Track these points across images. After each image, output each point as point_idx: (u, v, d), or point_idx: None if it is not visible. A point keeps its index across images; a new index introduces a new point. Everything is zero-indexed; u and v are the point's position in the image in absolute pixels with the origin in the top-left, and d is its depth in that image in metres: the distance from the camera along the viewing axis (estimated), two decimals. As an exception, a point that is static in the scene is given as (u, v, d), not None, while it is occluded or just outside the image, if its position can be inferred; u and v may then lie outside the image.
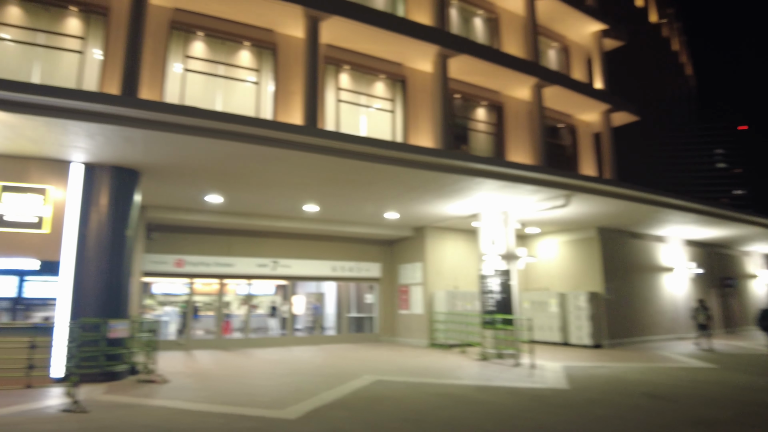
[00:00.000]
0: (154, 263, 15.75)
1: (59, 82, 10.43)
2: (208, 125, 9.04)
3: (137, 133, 8.87)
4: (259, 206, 14.89)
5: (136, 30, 10.13)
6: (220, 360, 13.75)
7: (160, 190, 12.59)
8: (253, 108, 12.34)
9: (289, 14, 12.00)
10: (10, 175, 9.95)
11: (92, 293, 10.12)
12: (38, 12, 10.71)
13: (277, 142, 9.77)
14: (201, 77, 11.98)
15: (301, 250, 18.17)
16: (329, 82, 13.50)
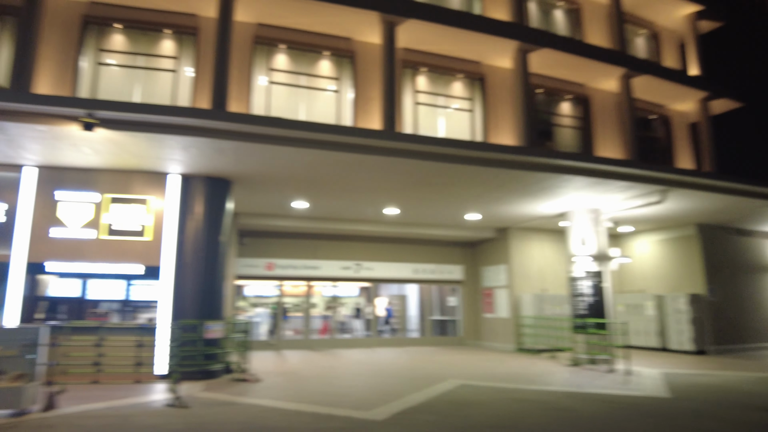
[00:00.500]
0: (246, 267, 16.61)
1: (156, 100, 11.25)
2: (293, 135, 9.38)
3: (228, 145, 9.39)
4: (342, 211, 15.23)
5: (224, 47, 10.70)
6: (308, 360, 14.19)
7: (250, 197, 13.28)
8: (333, 115, 12.62)
9: (366, 21, 12.16)
10: (117, 188, 10.91)
11: (190, 296, 10.82)
12: (137, 37, 11.65)
13: (357, 148, 9.94)
14: (284, 88, 12.44)
15: (383, 252, 18.35)
16: (406, 85, 13.52)
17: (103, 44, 11.42)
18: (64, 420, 7.12)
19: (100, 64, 11.33)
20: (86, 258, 10.61)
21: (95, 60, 11.32)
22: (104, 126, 8.61)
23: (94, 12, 11.27)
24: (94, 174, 10.89)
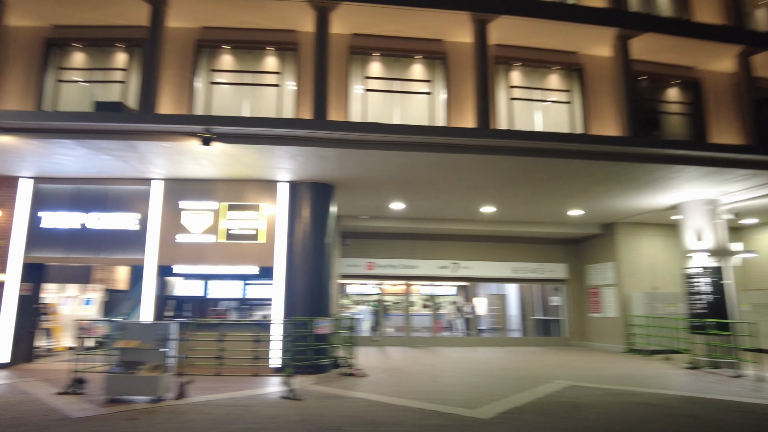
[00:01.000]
0: (349, 266, 17.35)
1: (263, 113, 12.08)
2: (389, 138, 9.70)
3: (330, 152, 9.92)
4: (439, 210, 15.38)
5: (322, 60, 11.26)
6: (410, 357, 14.48)
7: (351, 200, 13.88)
8: (427, 117, 12.78)
9: (457, 22, 12.18)
10: (232, 196, 11.92)
11: (300, 294, 11.54)
12: (244, 56, 12.58)
13: (452, 148, 10.05)
14: (379, 94, 12.81)
15: (480, 251, 18.23)
16: (500, 81, 13.33)
17: (214, 65, 12.48)
18: (194, 408, 7.91)
19: (212, 83, 12.38)
20: (207, 261, 11.70)
21: (208, 80, 12.39)
22: (220, 140, 9.47)
23: (205, 36, 12.35)
24: (212, 184, 12.00)
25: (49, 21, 12.25)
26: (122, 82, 12.24)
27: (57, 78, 12.39)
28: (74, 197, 12.21)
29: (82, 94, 12.30)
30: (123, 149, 10.09)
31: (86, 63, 12.50)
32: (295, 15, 11.79)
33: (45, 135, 9.60)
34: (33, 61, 12.24)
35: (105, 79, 12.36)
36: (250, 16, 11.87)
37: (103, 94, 12.16)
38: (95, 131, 9.57)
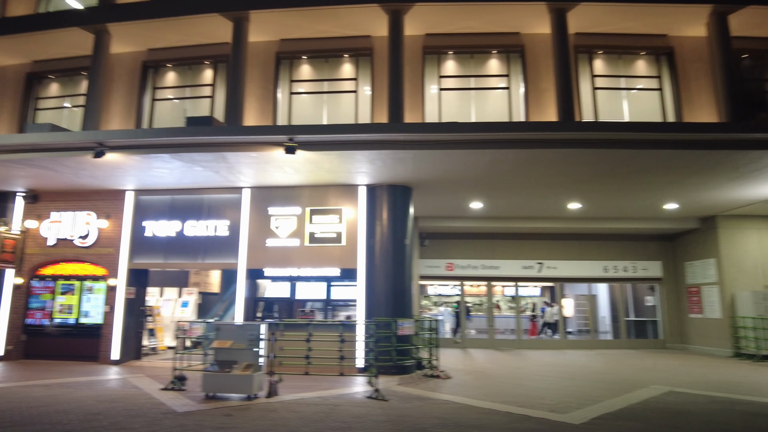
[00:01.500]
0: (428, 267, 17.31)
1: (341, 119, 12.37)
2: (467, 137, 9.58)
3: (407, 154, 9.96)
4: (520, 208, 14.97)
5: (396, 63, 11.34)
6: (494, 359, 14.19)
7: (429, 201, 13.86)
8: (506, 113, 12.48)
9: (534, 13, 11.80)
10: (315, 201, 12.30)
11: (381, 295, 11.68)
12: (321, 65, 12.95)
13: (533, 143, 9.74)
14: (455, 93, 12.68)
15: (567, 250, 17.51)
16: (582, 71, 12.74)
17: (294, 75, 12.95)
18: (284, 406, 8.23)
19: (293, 94, 12.85)
20: (293, 263, 12.15)
21: (288, 90, 12.88)
22: (302, 148, 9.80)
23: (284, 48, 12.85)
24: (296, 190, 12.46)
25: (145, 45, 13.30)
26: (210, 97, 13.04)
27: (153, 97, 13.42)
28: (171, 207, 13.16)
29: (175, 110, 13.24)
30: (214, 160, 10.73)
31: (177, 81, 13.43)
32: (368, 21, 11.97)
33: (145, 151, 10.42)
34: (133, 83, 13.35)
35: (194, 95, 13.22)
36: (326, 26, 12.20)
37: (194, 110, 13.02)
38: (188, 145, 10.25)
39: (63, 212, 13.50)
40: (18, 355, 13.11)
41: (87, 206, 13.43)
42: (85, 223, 13.31)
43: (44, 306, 13.32)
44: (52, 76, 14.27)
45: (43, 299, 13.36)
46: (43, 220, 13.58)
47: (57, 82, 14.28)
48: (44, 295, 13.38)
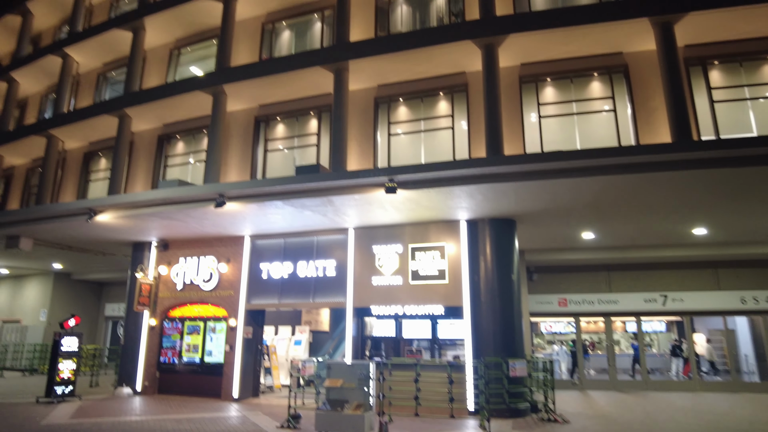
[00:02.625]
0: (538, 303, 16.49)
1: (438, 156, 12.43)
2: (571, 165, 9.18)
3: (508, 186, 9.74)
4: (637, 236, 13.89)
5: (492, 95, 11.23)
6: (618, 402, 13.01)
7: (535, 233, 13.34)
8: (613, 136, 11.79)
9: (636, 30, 11.19)
10: (417, 238, 12.37)
11: (489, 334, 11.28)
12: (417, 105, 13.21)
13: (646, 167, 9.09)
14: (556, 120, 12.27)
15: (695, 280, 15.86)
16: (697, 84, 11.74)
17: (391, 117, 13.33)
18: (398, 447, 8.12)
19: (391, 135, 13.20)
20: (398, 301, 12.21)
21: (387, 131, 13.26)
22: (402, 187, 9.98)
23: (381, 93, 13.33)
24: (398, 228, 12.66)
25: (257, 101, 14.50)
26: (316, 144, 13.80)
27: (265, 148, 14.50)
28: (284, 249, 13.94)
29: (285, 159, 14.16)
30: (321, 204, 11.27)
31: (286, 132, 14.41)
32: (462, 57, 12.09)
33: (260, 199, 11.23)
34: (247, 137, 14.55)
35: (302, 144, 14.07)
36: (421, 67, 12.50)
37: (302, 157, 13.84)
38: (298, 192, 10.90)
39: (189, 258, 14.83)
40: (153, 390, 14.37)
41: (210, 252, 14.65)
42: (208, 267, 14.49)
43: (174, 345, 14.55)
44: (178, 136, 16.00)
45: (173, 339, 14.61)
46: (173, 266, 15.00)
47: (182, 141, 15.97)
48: (174, 336, 14.64)
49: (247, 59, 15.08)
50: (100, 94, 18.59)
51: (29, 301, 24.02)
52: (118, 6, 19.49)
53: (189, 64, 16.64)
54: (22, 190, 19.76)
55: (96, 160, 17.83)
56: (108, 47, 17.42)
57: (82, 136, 17.20)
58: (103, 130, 16.50)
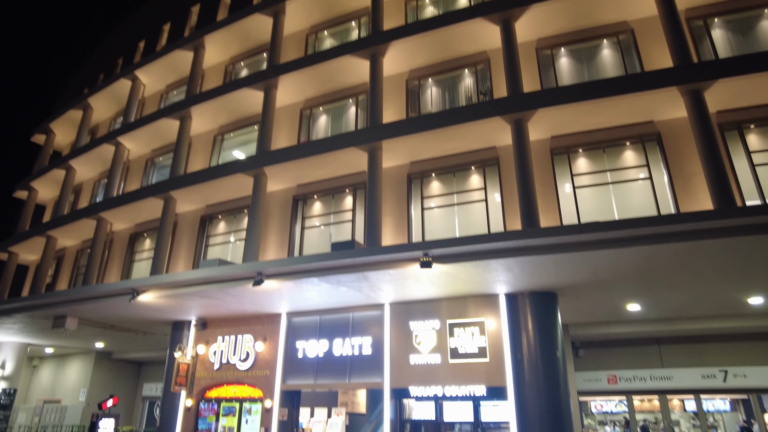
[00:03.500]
0: (586, 381, 15.59)
1: (473, 229, 12.41)
2: (610, 236, 8.98)
3: (546, 259, 9.56)
4: (688, 307, 13.21)
5: (524, 168, 11.27)
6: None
7: (578, 306, 12.88)
8: (651, 204, 11.56)
9: (665, 98, 11.23)
10: (454, 313, 12.10)
11: (535, 416, 10.63)
12: (449, 179, 13.39)
13: (689, 235, 8.81)
14: (590, 190, 12.16)
15: (759, 353, 14.76)
16: (734, 148, 11.51)
17: (425, 192, 13.52)
18: None
19: (424, 209, 13.33)
20: (437, 381, 11.76)
21: (420, 206, 13.40)
22: (437, 261, 9.93)
23: (414, 169, 13.62)
24: (434, 303, 12.45)
25: (296, 182, 15.01)
26: (351, 220, 14.03)
27: (302, 226, 14.81)
28: (320, 327, 13.84)
29: (321, 235, 14.40)
30: (356, 280, 11.28)
31: (322, 210, 14.75)
32: (492, 132, 12.34)
33: (296, 276, 11.35)
34: (285, 215, 14.94)
35: (337, 220, 14.33)
36: (452, 143, 12.80)
37: (337, 233, 14.05)
38: (334, 268, 10.98)
39: (227, 336, 14.86)
40: (188, 476, 13.96)
41: (247, 330, 14.68)
42: (245, 346, 14.45)
43: (210, 428, 14.27)
44: (220, 216, 16.57)
45: (209, 421, 14.36)
46: (211, 345, 15.04)
47: (224, 221, 16.51)
48: (210, 417, 14.40)
49: (287, 142, 15.81)
50: (147, 178, 19.68)
51: (70, 381, 24.29)
52: (168, 97, 21.03)
53: (231, 148, 17.56)
54: (71, 270, 20.60)
55: (141, 241, 18.54)
56: (157, 135, 18.64)
57: (129, 218, 18.04)
58: (149, 212, 17.30)
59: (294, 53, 17.40)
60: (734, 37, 12.29)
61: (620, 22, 13.07)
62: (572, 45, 13.42)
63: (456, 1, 15.70)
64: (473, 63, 14.20)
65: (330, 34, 17.48)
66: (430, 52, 14.27)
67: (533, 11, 12.84)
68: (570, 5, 12.67)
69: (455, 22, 13.31)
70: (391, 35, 13.97)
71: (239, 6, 19.16)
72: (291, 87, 15.76)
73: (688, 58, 11.07)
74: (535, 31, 13.47)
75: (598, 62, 13.14)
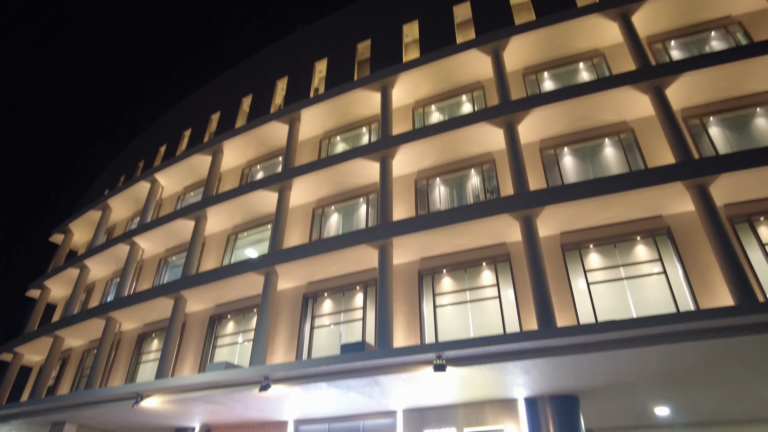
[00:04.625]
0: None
1: (487, 328, 12.08)
2: (629, 335, 8.69)
3: (565, 360, 9.19)
4: (722, 409, 12.40)
5: (536, 264, 11.18)
6: None
7: (601, 410, 12.16)
8: (668, 299, 11.28)
9: (671, 193, 11.39)
10: (471, 420, 11.44)
11: None
12: (461, 276, 13.28)
13: (711, 332, 8.49)
14: (605, 286, 11.95)
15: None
16: (747, 240, 11.38)
17: (436, 289, 13.36)
18: None
19: (437, 307, 13.09)
20: (456, 497, 10.85)
21: (432, 303, 13.18)
22: (452, 364, 9.57)
23: (425, 266, 13.59)
24: (450, 410, 11.81)
25: (306, 279, 14.97)
26: (361, 319, 13.77)
27: (311, 325, 14.55)
28: (329, 434, 13.08)
29: (331, 335, 14.08)
30: (367, 385, 10.83)
31: (332, 308, 14.55)
32: (501, 229, 12.44)
33: (304, 381, 10.94)
34: (294, 314, 14.74)
35: (348, 319, 14.08)
36: (462, 240, 12.86)
37: (348, 332, 13.74)
38: (343, 372, 10.61)
39: (232, 446, 14.08)
40: None
41: (252, 438, 13.92)
42: (251, 456, 13.64)
43: None
44: (229, 316, 16.38)
45: None
46: (215, 454, 14.21)
47: (233, 320, 16.29)
48: None
49: (299, 240, 16.01)
50: (159, 277, 19.77)
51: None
52: (185, 198, 21.70)
53: (244, 247, 17.78)
54: (75, 372, 20.10)
55: (149, 342, 18.24)
56: (172, 235, 18.99)
57: (138, 317, 17.89)
58: (158, 311, 17.18)
59: (308, 156, 18.14)
60: (731, 134, 12.66)
61: (620, 122, 13.60)
62: (575, 144, 13.88)
63: (460, 107, 16.54)
64: (479, 163, 14.66)
65: (342, 139, 18.30)
66: (437, 154, 14.80)
67: (534, 115, 13.44)
68: (569, 108, 13.28)
69: (460, 126, 13.94)
70: (400, 139, 14.59)
71: (257, 113, 20.32)
72: (304, 188, 16.25)
73: (689, 154, 11.34)
74: (538, 133, 14.02)
75: (601, 159, 13.50)
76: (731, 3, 13.99)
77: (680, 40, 14.62)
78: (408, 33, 18.88)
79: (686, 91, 12.79)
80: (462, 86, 16.73)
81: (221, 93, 23.80)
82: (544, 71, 15.82)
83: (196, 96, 25.89)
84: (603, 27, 14.75)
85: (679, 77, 12.44)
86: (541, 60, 15.89)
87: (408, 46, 19.09)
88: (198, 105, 24.88)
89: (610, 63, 14.86)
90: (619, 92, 12.84)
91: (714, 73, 12.40)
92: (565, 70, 15.60)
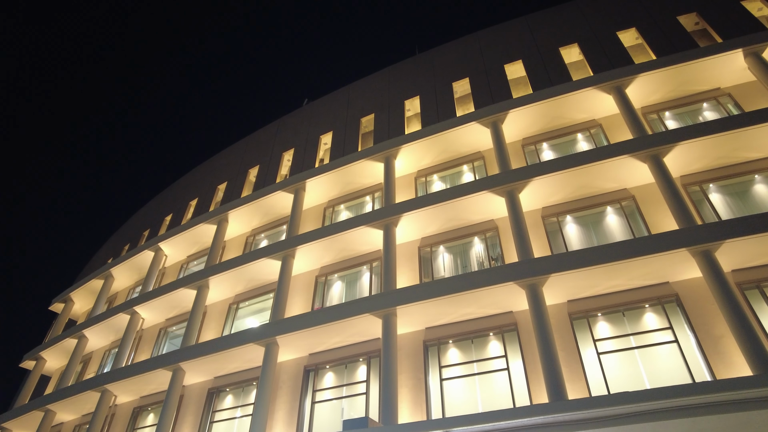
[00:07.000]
0: None
1: (494, 400, 11.58)
2: (643, 408, 8.37)
3: (578, 436, 8.77)
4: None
5: (544, 334, 10.94)
6: None
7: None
8: (682, 369, 10.88)
9: (677, 260, 11.31)
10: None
11: None
12: (467, 347, 12.94)
13: (731, 405, 8.15)
14: (616, 355, 11.59)
15: None
16: (758, 306, 11.11)
17: (442, 361, 12.98)
18: None
19: (443, 380, 12.66)
20: None
21: (438, 376, 12.75)
22: (459, 441, 9.12)
23: (429, 336, 13.29)
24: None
25: (308, 351, 14.62)
26: (365, 393, 13.28)
27: (312, 400, 14.02)
28: None
29: (333, 410, 13.54)
30: (371, 464, 10.28)
31: (334, 381, 14.09)
32: (507, 298, 12.28)
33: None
34: (295, 388, 14.24)
35: (350, 393, 13.58)
36: (468, 309, 12.67)
37: (350, 407, 13.21)
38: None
39: None
40: None
41: None
42: None
43: None
44: (228, 389, 15.86)
45: None
46: None
47: (231, 393, 15.75)
48: None
49: (301, 309, 15.79)
50: (158, 347, 19.35)
51: None
52: (188, 267, 21.66)
53: (245, 317, 17.53)
54: (65, 452, 19.22)
55: (144, 416, 17.57)
56: (173, 304, 18.79)
57: (135, 390, 17.33)
58: (156, 384, 16.67)
59: (312, 224, 18.29)
60: (732, 200, 12.77)
61: (620, 190, 13.78)
62: (577, 212, 14.01)
63: (462, 176, 16.86)
64: (482, 231, 14.74)
65: (346, 207, 18.54)
66: (440, 222, 14.92)
67: (535, 184, 13.67)
68: (569, 177, 13.51)
69: (462, 195, 14.14)
70: (403, 208, 14.76)
71: (263, 183, 20.71)
72: (308, 256, 16.26)
73: (691, 221, 11.39)
74: (540, 201, 14.19)
75: (604, 227, 13.56)
76: (720, 76, 14.58)
77: (674, 111, 15.12)
78: (410, 107, 19.61)
79: (684, 160, 13.06)
80: (463, 156, 17.14)
81: (228, 164, 24.39)
82: (543, 142, 16.25)
83: (204, 167, 26.52)
84: (598, 99, 15.30)
85: (675, 146, 12.75)
86: (539, 131, 16.37)
87: (410, 119, 19.77)
88: (205, 175, 25.42)
89: (608, 132, 15.29)
90: (617, 161, 13.12)
91: (709, 143, 12.72)
92: (564, 140, 16.03)
